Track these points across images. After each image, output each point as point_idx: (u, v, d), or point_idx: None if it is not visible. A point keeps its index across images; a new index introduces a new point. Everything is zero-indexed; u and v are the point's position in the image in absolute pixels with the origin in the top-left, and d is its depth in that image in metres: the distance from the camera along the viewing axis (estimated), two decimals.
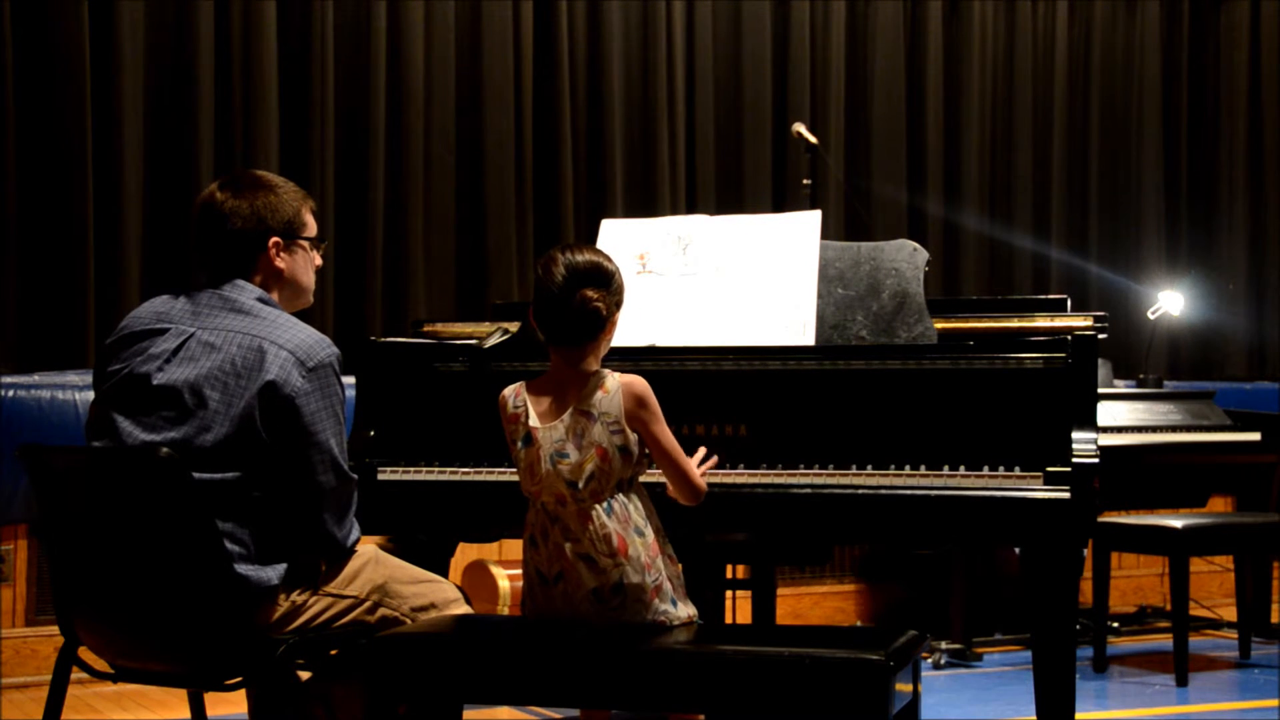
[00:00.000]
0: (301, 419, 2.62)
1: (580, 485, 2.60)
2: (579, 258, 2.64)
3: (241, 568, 2.59)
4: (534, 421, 2.64)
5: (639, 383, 2.64)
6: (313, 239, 2.86)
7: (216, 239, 2.77)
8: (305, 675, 2.79)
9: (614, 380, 2.64)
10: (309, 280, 2.87)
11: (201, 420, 2.60)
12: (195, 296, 2.76)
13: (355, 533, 2.77)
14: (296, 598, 2.67)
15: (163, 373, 2.64)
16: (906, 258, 3.28)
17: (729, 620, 3.96)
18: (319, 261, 2.91)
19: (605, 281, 2.65)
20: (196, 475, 2.55)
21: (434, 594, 2.82)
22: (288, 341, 2.65)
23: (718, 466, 2.96)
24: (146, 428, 2.63)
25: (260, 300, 2.74)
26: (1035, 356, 3.01)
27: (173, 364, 2.64)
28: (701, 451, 2.88)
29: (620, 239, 3.41)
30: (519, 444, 2.66)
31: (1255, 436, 5.21)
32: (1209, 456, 5.24)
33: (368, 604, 2.74)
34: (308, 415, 2.62)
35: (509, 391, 2.70)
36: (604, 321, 2.64)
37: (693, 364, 3.18)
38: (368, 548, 2.82)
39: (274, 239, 2.77)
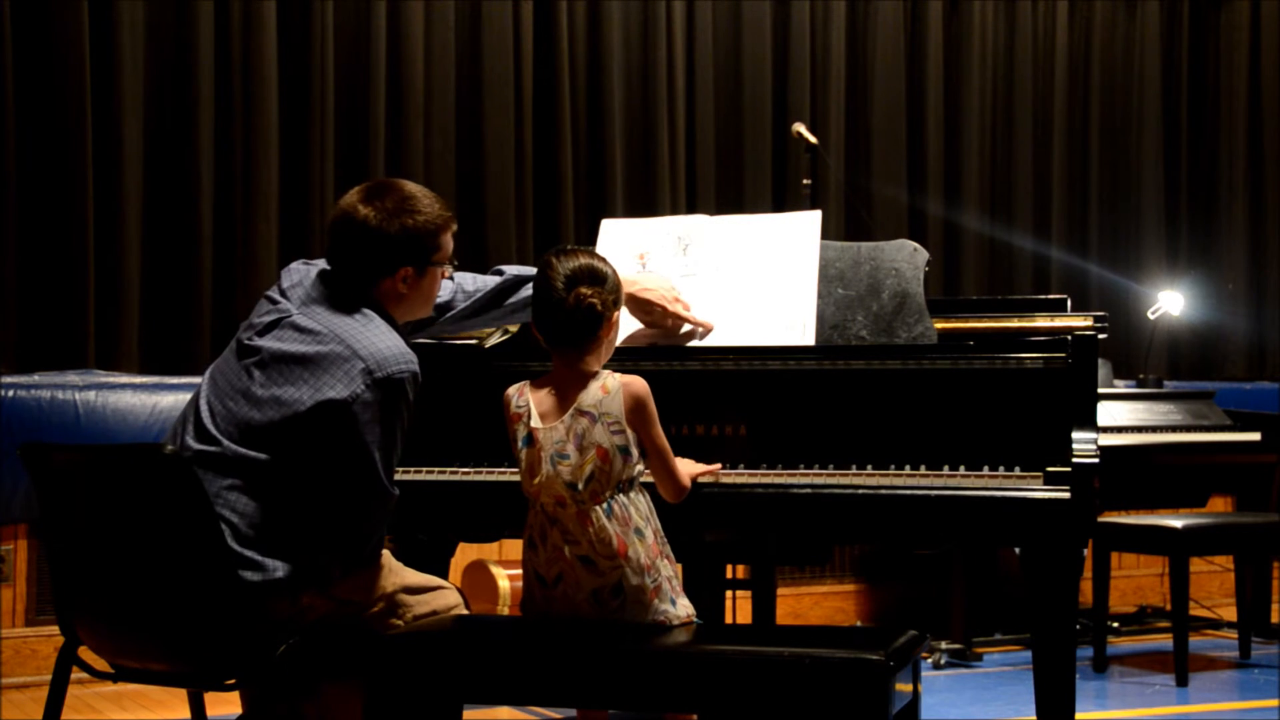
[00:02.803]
0: (356, 427, 2.59)
1: (580, 487, 2.60)
2: (573, 261, 2.67)
3: (246, 574, 2.57)
4: (535, 422, 2.65)
5: (639, 383, 2.66)
6: (445, 262, 2.84)
7: (349, 250, 2.75)
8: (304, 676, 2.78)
9: (614, 380, 2.65)
10: (430, 299, 2.87)
11: (256, 397, 2.61)
12: (320, 283, 2.76)
13: (378, 545, 2.76)
14: (304, 600, 2.65)
15: (250, 339, 2.70)
16: (906, 258, 3.28)
17: (729, 620, 3.96)
18: (449, 273, 2.91)
19: (600, 280, 2.67)
20: (229, 445, 2.57)
21: (436, 601, 2.81)
22: (364, 348, 2.62)
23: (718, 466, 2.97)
24: (218, 393, 2.67)
25: (368, 305, 2.73)
26: (1035, 356, 3.01)
27: (265, 338, 2.68)
28: (716, 466, 2.90)
29: (620, 239, 3.41)
30: (520, 444, 2.67)
31: (1255, 436, 5.21)
32: (1209, 456, 5.24)
33: (375, 609, 2.72)
34: (361, 424, 2.59)
35: (512, 391, 2.71)
36: (601, 319, 2.66)
37: (693, 364, 3.18)
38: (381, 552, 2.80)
39: (405, 270, 2.76)
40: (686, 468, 2.82)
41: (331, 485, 2.62)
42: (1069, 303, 3.34)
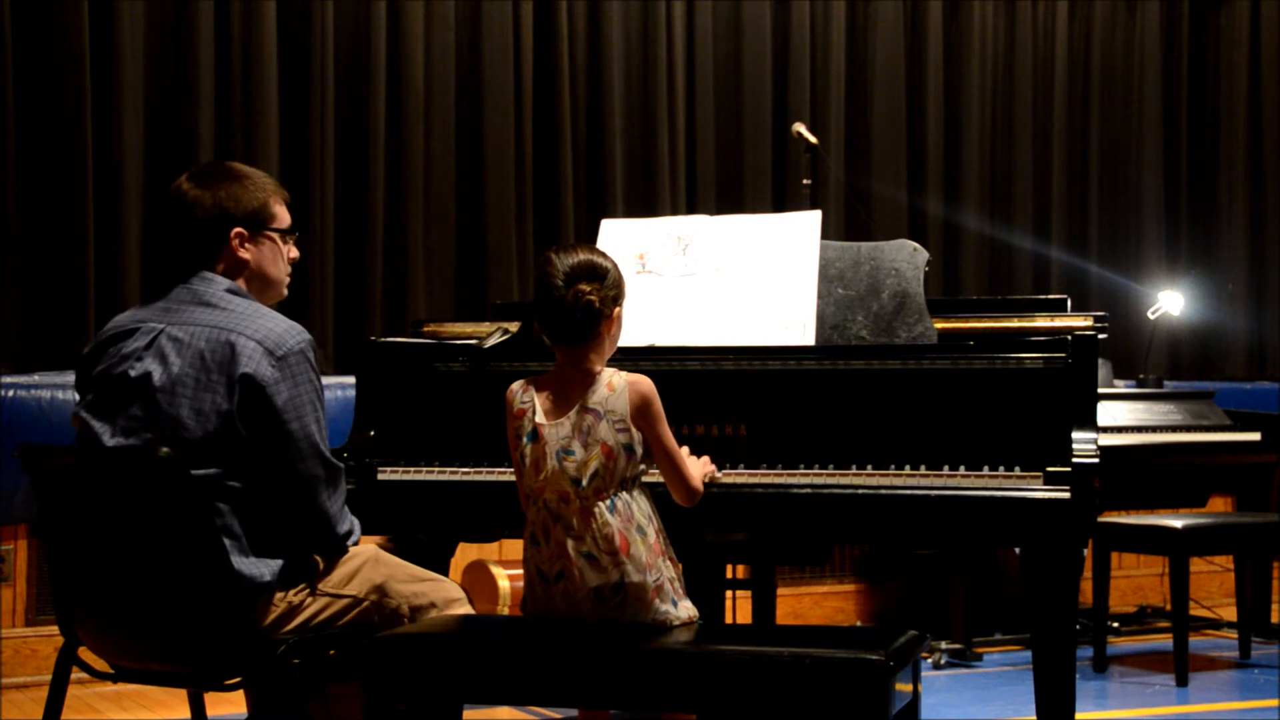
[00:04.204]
0: (275, 408, 2.60)
1: (584, 482, 2.60)
2: (572, 257, 2.67)
3: (236, 562, 2.58)
4: (540, 418, 2.65)
5: (645, 382, 2.66)
6: (283, 230, 2.83)
7: (180, 230, 2.76)
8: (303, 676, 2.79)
9: (620, 379, 2.65)
10: (278, 273, 2.84)
11: (175, 419, 2.59)
12: (167, 294, 2.75)
13: (350, 525, 2.76)
14: (293, 597, 2.67)
15: (134, 369, 2.64)
16: (906, 258, 3.29)
17: (729, 620, 3.96)
18: (294, 254, 2.88)
19: (599, 276, 2.66)
20: None
21: (434, 593, 2.81)
22: (255, 332, 2.63)
23: (718, 466, 2.97)
24: (124, 432, 2.62)
25: (229, 291, 2.72)
26: (1035, 356, 3.01)
27: (144, 361, 2.64)
28: (706, 459, 2.88)
29: (620, 239, 3.41)
30: (524, 439, 2.66)
31: (1255, 436, 5.21)
32: (1209, 456, 5.24)
33: (366, 603, 2.73)
34: (280, 403, 2.61)
35: (516, 387, 2.71)
36: (599, 316, 2.65)
37: (693, 364, 3.18)
38: (367, 547, 2.82)
39: (236, 229, 2.75)
40: (696, 468, 2.80)
41: (281, 474, 2.63)
42: (1069, 303, 3.34)
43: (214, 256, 2.75)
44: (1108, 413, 5.08)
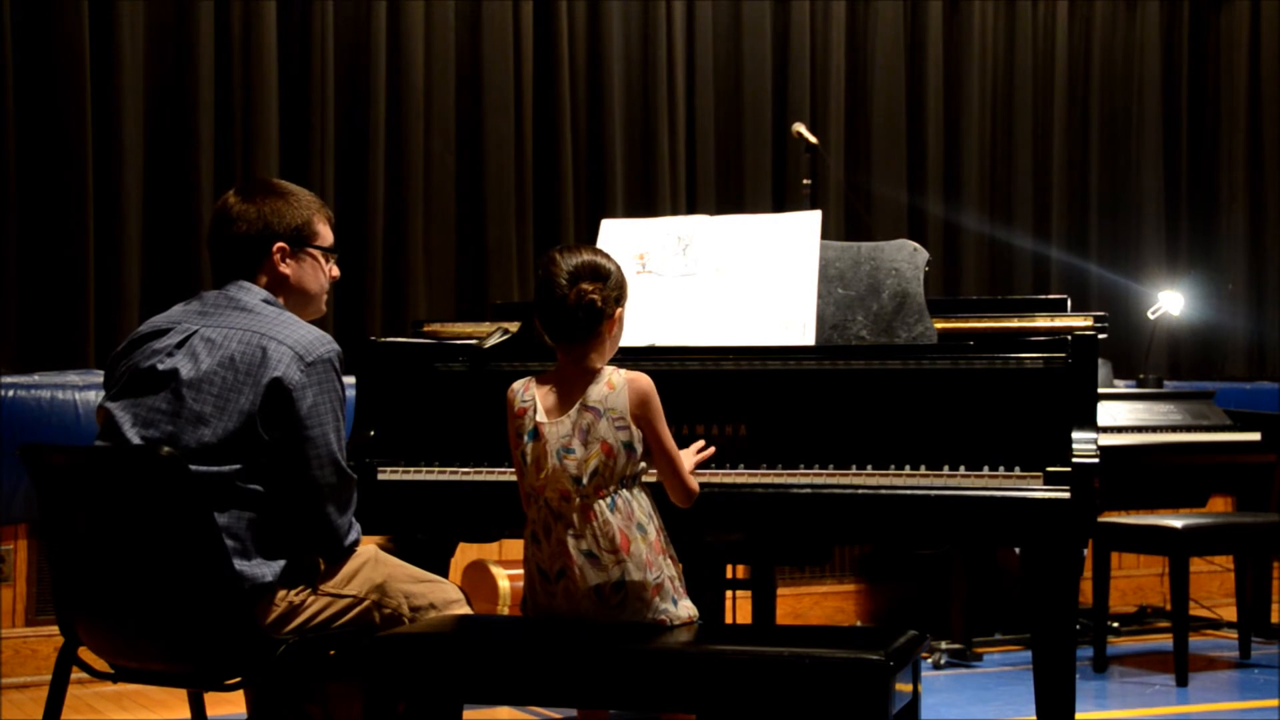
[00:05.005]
0: (298, 413, 2.62)
1: (584, 480, 2.61)
2: (576, 258, 2.68)
3: (239, 563, 2.58)
4: (541, 416, 2.65)
5: (644, 380, 2.66)
6: (324, 249, 2.87)
7: (224, 242, 2.80)
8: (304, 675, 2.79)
9: (620, 377, 2.66)
10: (318, 289, 2.87)
11: (198, 415, 2.60)
12: (203, 298, 2.79)
13: (355, 533, 2.78)
14: (294, 597, 2.67)
15: (164, 364, 2.67)
16: (906, 258, 3.29)
17: (729, 620, 3.96)
18: (335, 273, 2.91)
19: (602, 276, 2.68)
20: (193, 468, 2.56)
21: (434, 594, 2.82)
22: (287, 338, 2.66)
23: (718, 466, 2.97)
24: (144, 423, 2.64)
25: (265, 301, 2.76)
26: (1035, 356, 3.01)
27: (175, 357, 2.67)
28: (699, 444, 2.88)
29: (620, 239, 3.41)
30: (525, 438, 2.67)
31: (1255, 436, 5.21)
32: (1209, 456, 5.24)
33: (366, 603, 2.74)
34: (304, 409, 2.63)
35: (517, 385, 2.72)
36: (602, 315, 2.66)
37: (693, 364, 3.18)
38: (367, 548, 2.82)
39: (279, 244, 2.79)
40: (689, 458, 2.80)
41: (295, 478, 2.64)
42: (1069, 303, 3.34)
43: (255, 269, 2.79)
44: (1108, 413, 5.08)
